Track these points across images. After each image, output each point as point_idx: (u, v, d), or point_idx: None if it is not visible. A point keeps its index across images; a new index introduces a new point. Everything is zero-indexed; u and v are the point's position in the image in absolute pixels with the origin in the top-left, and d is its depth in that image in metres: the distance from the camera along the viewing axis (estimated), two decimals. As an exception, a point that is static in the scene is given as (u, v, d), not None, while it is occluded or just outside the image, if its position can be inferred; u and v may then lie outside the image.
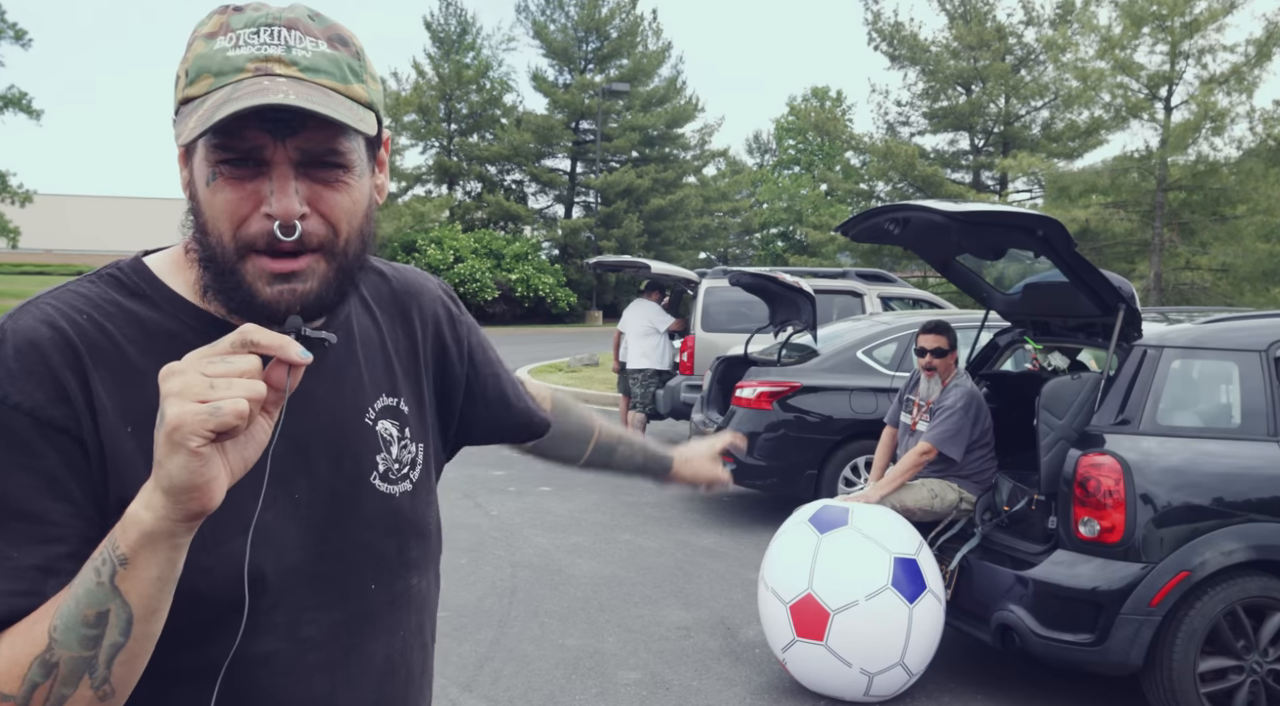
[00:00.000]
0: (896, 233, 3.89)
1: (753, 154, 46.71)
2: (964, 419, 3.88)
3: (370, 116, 0.79)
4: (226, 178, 0.75)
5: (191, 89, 0.76)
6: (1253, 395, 3.33)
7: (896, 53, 26.07)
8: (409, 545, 0.92)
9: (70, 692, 0.67)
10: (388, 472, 0.90)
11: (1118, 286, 3.45)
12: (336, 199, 0.78)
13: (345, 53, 0.79)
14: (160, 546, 0.66)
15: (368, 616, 0.88)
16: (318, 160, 0.77)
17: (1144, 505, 3.13)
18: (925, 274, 25.87)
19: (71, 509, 0.73)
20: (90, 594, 0.67)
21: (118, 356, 0.77)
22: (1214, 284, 19.36)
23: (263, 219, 0.75)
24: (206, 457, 0.64)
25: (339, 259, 0.80)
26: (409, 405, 0.95)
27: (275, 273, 0.76)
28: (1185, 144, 18.19)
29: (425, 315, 1.01)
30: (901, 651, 3.29)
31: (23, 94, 27.83)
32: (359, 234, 0.81)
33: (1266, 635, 3.16)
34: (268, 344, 0.66)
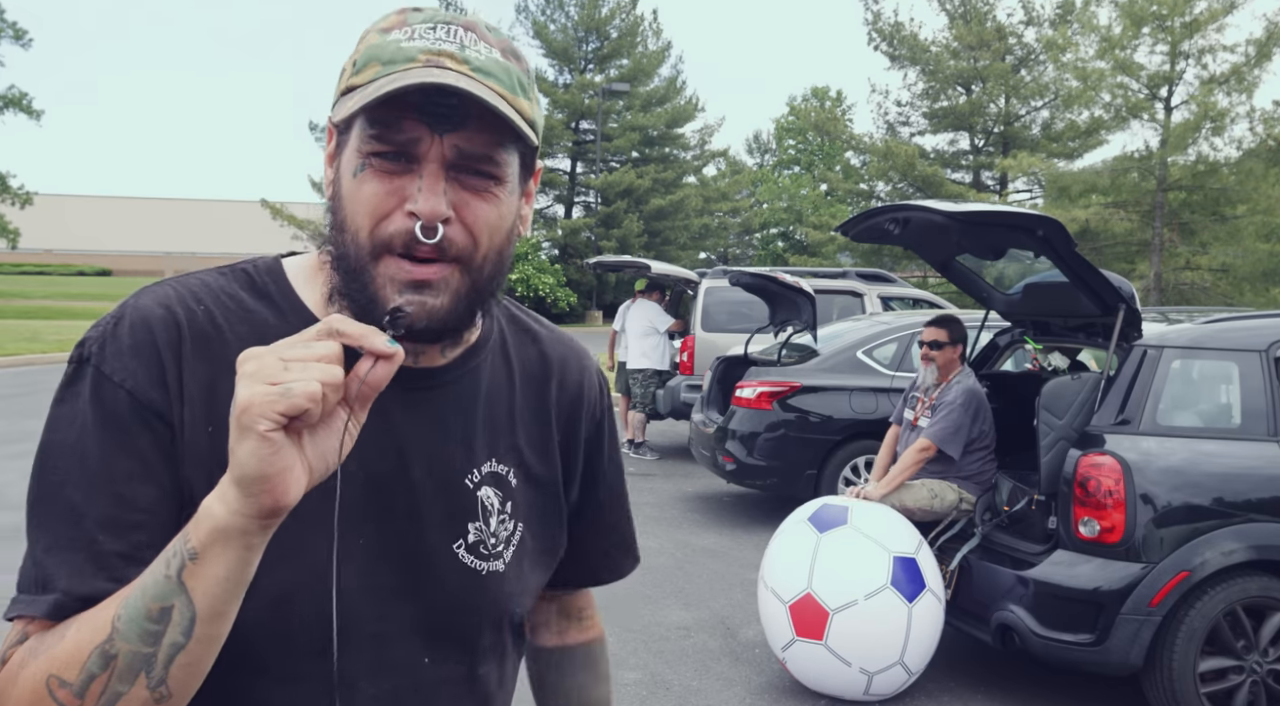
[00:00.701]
0: (897, 233, 3.89)
1: (753, 154, 46.73)
2: (964, 416, 3.88)
3: (531, 131, 0.76)
4: (376, 170, 0.72)
5: (357, 78, 0.73)
6: (1253, 395, 3.34)
7: (897, 53, 26.09)
8: (484, 630, 0.83)
9: (125, 690, 0.64)
10: (478, 545, 0.81)
11: (1118, 286, 3.45)
12: (484, 209, 0.74)
13: (518, 66, 0.76)
14: (232, 544, 0.62)
15: (422, 690, 0.79)
16: (472, 165, 0.73)
17: (1144, 505, 3.13)
18: (925, 274, 25.87)
19: (159, 494, 0.71)
20: (157, 586, 0.64)
21: (221, 352, 0.74)
22: (1214, 284, 19.36)
23: (405, 217, 0.71)
24: (277, 445, 0.59)
25: (474, 275, 0.74)
26: (518, 478, 0.86)
27: (407, 280, 0.72)
28: (1185, 144, 18.20)
29: (569, 383, 0.92)
30: (901, 650, 3.29)
31: (23, 94, 27.84)
32: (498, 253, 0.76)
33: (1266, 635, 3.16)
34: (352, 332, 0.62)
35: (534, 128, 0.77)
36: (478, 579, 0.81)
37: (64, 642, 0.65)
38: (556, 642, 1.04)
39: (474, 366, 0.84)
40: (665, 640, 4.05)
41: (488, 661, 0.85)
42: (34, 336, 17.94)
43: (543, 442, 0.88)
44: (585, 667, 1.05)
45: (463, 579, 0.80)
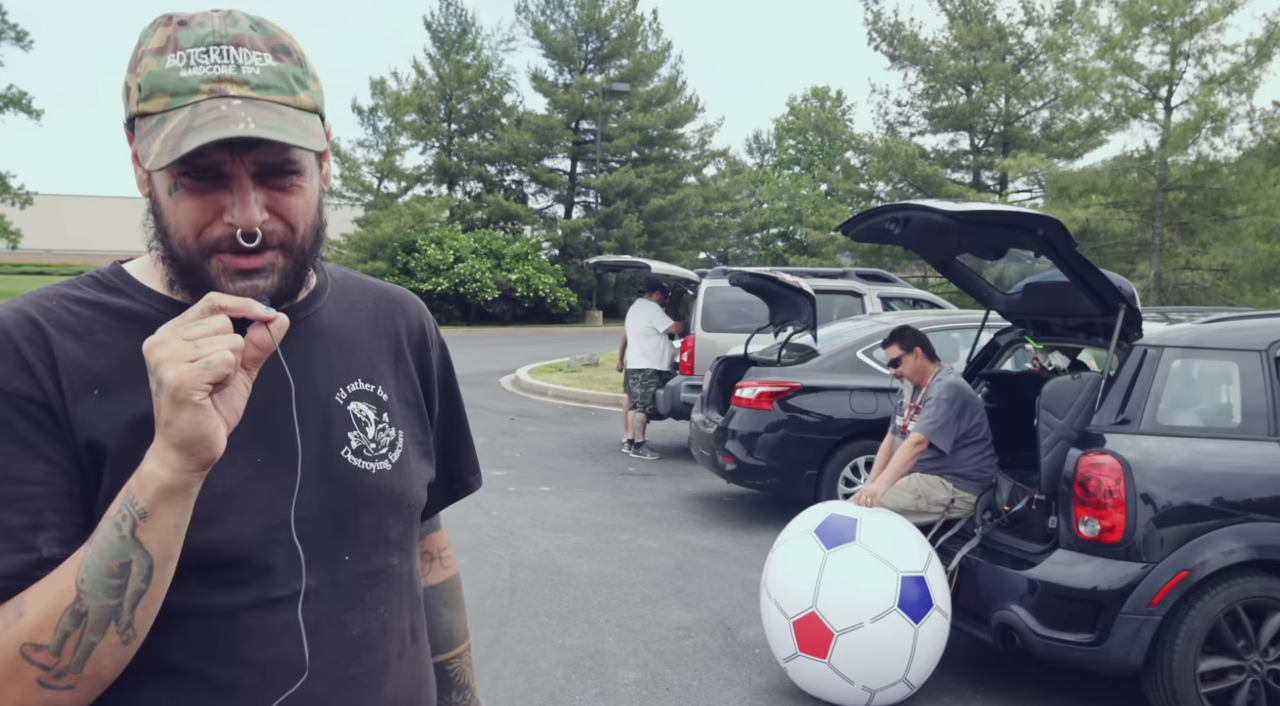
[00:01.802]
0: (897, 232, 3.89)
1: (753, 154, 46.72)
2: (949, 410, 3.90)
3: (315, 121, 0.86)
4: (188, 189, 0.81)
5: (147, 105, 0.81)
6: (1253, 395, 3.33)
7: (897, 53, 26.08)
8: (386, 521, 0.95)
9: (98, 639, 0.74)
10: (361, 449, 0.94)
11: (1118, 286, 3.44)
12: (292, 201, 0.85)
13: (289, 62, 0.84)
14: (177, 497, 0.74)
15: (341, 586, 0.90)
16: (272, 170, 0.83)
17: (1144, 505, 3.13)
18: (925, 274, 25.87)
19: (48, 468, 0.79)
20: (112, 547, 0.74)
21: (84, 332, 0.84)
22: (1214, 284, 19.36)
23: (225, 226, 0.82)
24: (208, 410, 0.71)
25: (296, 252, 0.87)
26: (388, 393, 0.99)
27: (239, 269, 0.83)
28: (1185, 144, 18.19)
29: (411, 322, 1.07)
30: (905, 669, 3.27)
31: (23, 94, 27.83)
32: (313, 228, 0.89)
33: (1267, 635, 3.15)
34: (233, 306, 0.74)
35: (317, 109, 0.87)
36: (368, 477, 0.94)
37: (27, 616, 0.74)
38: (422, 583, 1.15)
39: (319, 306, 0.97)
40: (665, 640, 4.05)
41: (399, 552, 0.97)
42: (34, 336, 17.91)
43: (400, 366, 1.03)
44: (450, 603, 1.22)
45: (356, 478, 0.93)
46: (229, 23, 0.82)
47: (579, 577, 4.85)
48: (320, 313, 0.97)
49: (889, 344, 4.19)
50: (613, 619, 4.28)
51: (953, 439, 3.89)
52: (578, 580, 4.81)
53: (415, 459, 1.01)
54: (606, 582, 4.79)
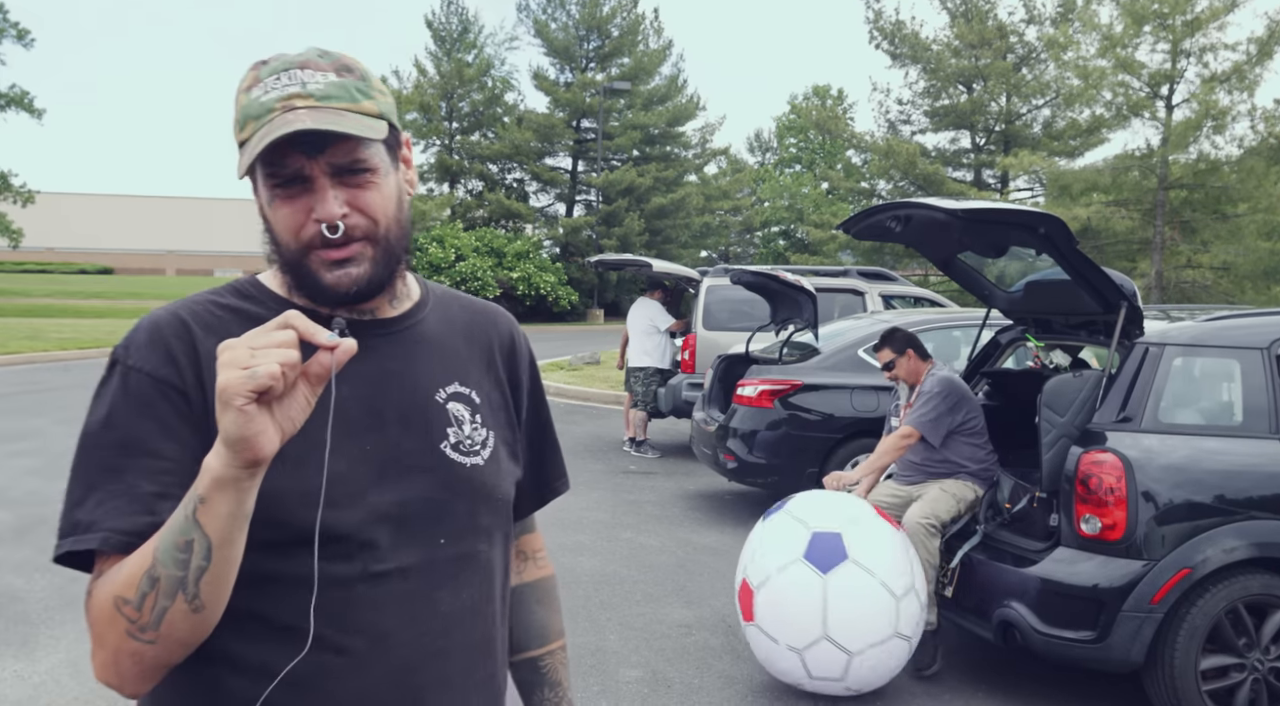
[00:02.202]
0: (898, 230, 3.89)
1: (754, 152, 46.70)
2: (942, 403, 3.89)
3: (380, 124, 0.96)
4: (281, 198, 0.95)
5: (242, 134, 0.95)
6: (1254, 393, 3.33)
7: (898, 51, 26.06)
8: (479, 510, 1.04)
9: (170, 604, 0.83)
10: (459, 444, 1.04)
11: (1119, 284, 3.44)
12: (369, 196, 0.96)
13: (351, 78, 0.97)
14: (227, 489, 0.81)
15: (435, 566, 1.00)
16: (346, 169, 0.94)
17: (1145, 502, 3.13)
18: (927, 272, 25.85)
19: (179, 448, 0.91)
20: (180, 525, 0.83)
21: (223, 332, 0.95)
22: (1215, 282, 19.34)
23: (313, 224, 0.94)
24: (251, 415, 0.77)
25: (382, 243, 0.98)
26: (480, 397, 1.10)
27: (331, 260, 0.95)
28: (1186, 142, 18.18)
29: (502, 334, 1.18)
30: (822, 624, 3.21)
31: (25, 93, 27.84)
32: (396, 221, 0.99)
33: (1268, 633, 3.15)
34: (301, 328, 0.81)
35: (384, 116, 0.98)
36: (464, 470, 1.04)
37: (123, 571, 0.85)
38: (517, 581, 1.25)
39: (422, 317, 1.08)
40: (666, 638, 4.05)
41: (488, 540, 1.06)
42: (35, 335, 17.95)
43: (491, 374, 1.13)
44: (543, 601, 1.27)
45: (453, 470, 1.03)
46: (300, 54, 0.97)
47: (580, 575, 4.86)
48: (423, 323, 1.08)
49: (880, 348, 4.18)
50: (614, 617, 4.28)
51: (944, 433, 3.88)
52: (579, 578, 4.81)
53: (504, 457, 1.10)
54: (608, 580, 4.79)
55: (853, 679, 3.30)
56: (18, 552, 4.97)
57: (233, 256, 59.78)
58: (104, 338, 17.88)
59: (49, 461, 7.24)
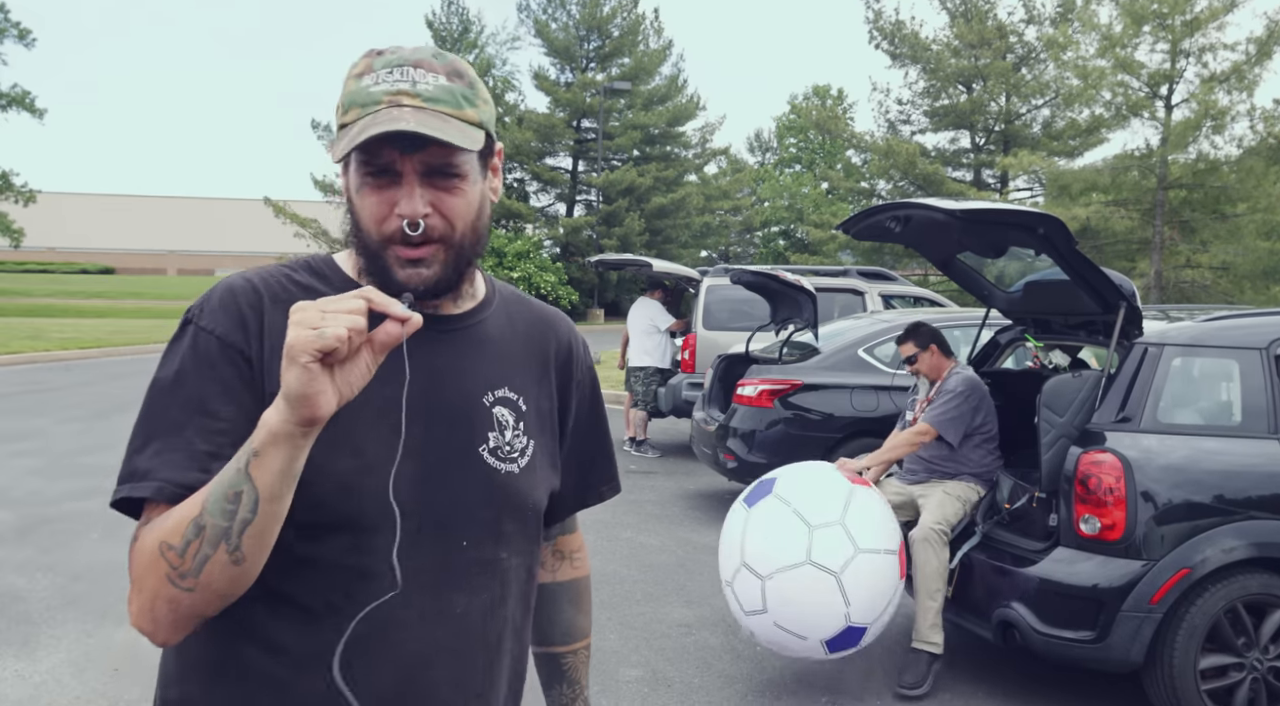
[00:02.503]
0: (898, 230, 3.89)
1: (754, 152, 46.70)
2: (964, 404, 3.85)
3: (479, 134, 0.99)
4: (370, 187, 0.97)
5: (345, 118, 0.97)
6: (1253, 393, 3.34)
7: (898, 51, 26.06)
8: (504, 518, 1.05)
9: (212, 553, 0.85)
10: (497, 450, 1.05)
11: (1118, 284, 3.44)
12: (454, 202, 0.99)
13: (460, 84, 0.99)
14: (282, 444, 0.83)
15: (454, 567, 1.01)
16: (437, 171, 0.97)
17: (1144, 502, 3.13)
18: (926, 272, 25.86)
19: (237, 411, 0.94)
20: (231, 477, 0.85)
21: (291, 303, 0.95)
22: (1214, 282, 19.35)
23: (397, 218, 0.96)
24: (314, 373, 0.80)
25: (456, 249, 1.00)
26: (528, 404, 1.10)
27: (406, 259, 0.98)
28: (1186, 142, 18.19)
29: (561, 342, 1.18)
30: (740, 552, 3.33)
31: (26, 93, 27.85)
32: (473, 229, 1.02)
33: (1267, 632, 3.16)
34: (378, 300, 0.83)
35: (483, 125, 1.00)
36: (498, 475, 1.04)
37: (170, 519, 0.88)
38: (550, 579, 1.27)
39: (483, 317, 1.10)
40: (666, 637, 4.06)
41: (510, 549, 1.06)
42: (37, 334, 17.95)
43: (544, 381, 1.14)
44: (574, 601, 1.29)
45: (487, 474, 1.03)
46: (415, 51, 1.00)
47: (580, 575, 4.86)
48: (484, 323, 1.10)
49: (904, 341, 4.10)
50: (614, 616, 4.29)
51: (962, 433, 3.84)
52: (579, 578, 4.82)
53: (542, 467, 1.10)
54: (608, 580, 4.80)
55: (775, 612, 3.24)
56: (19, 552, 4.98)
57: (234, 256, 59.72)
58: (105, 337, 17.90)
59: (50, 461, 7.24)
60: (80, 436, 8.33)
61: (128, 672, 3.54)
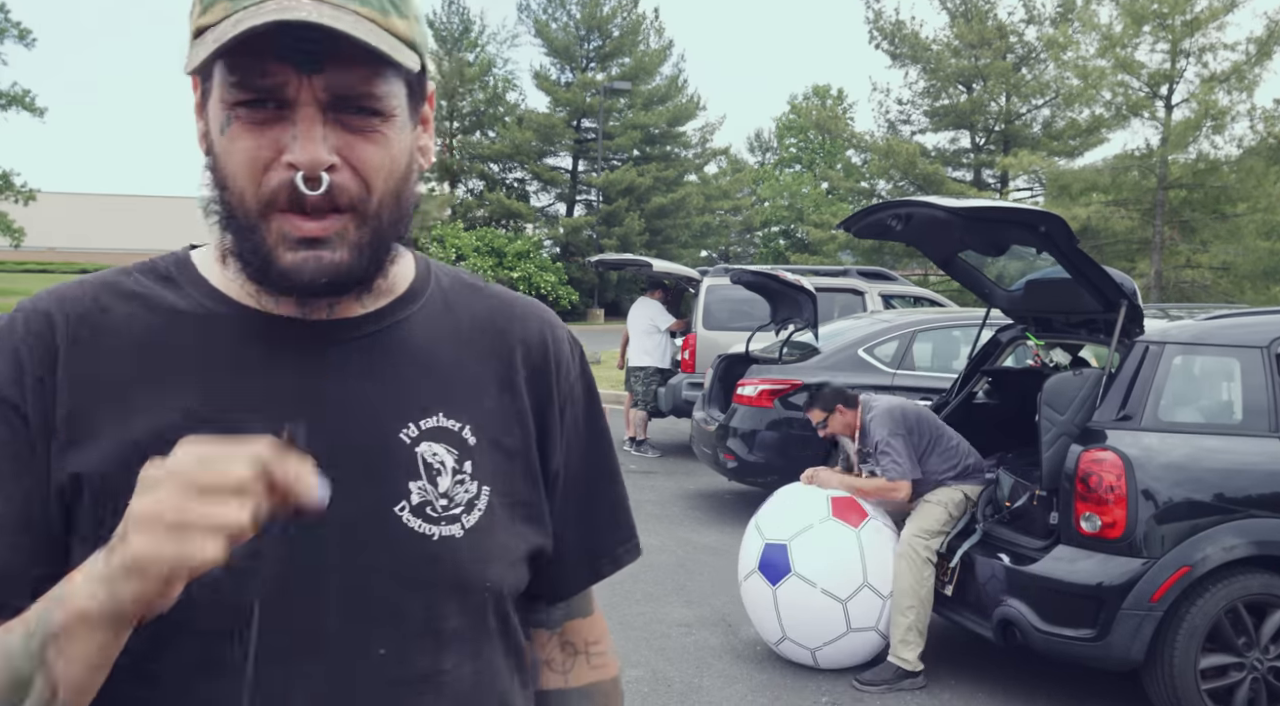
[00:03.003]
0: (899, 229, 3.89)
1: (754, 152, 46.70)
2: (901, 442, 3.70)
3: (410, 53, 0.68)
4: (244, 122, 0.65)
5: (205, 18, 0.65)
6: (1254, 391, 3.34)
7: (898, 51, 26.06)
8: (443, 609, 0.71)
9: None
10: (424, 506, 0.71)
11: (1119, 283, 3.44)
12: (371, 151, 0.67)
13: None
14: (99, 629, 0.57)
15: (360, 691, 0.68)
16: (350, 103, 0.66)
17: (1145, 501, 3.13)
18: (926, 271, 25.86)
19: (4, 502, 0.66)
20: (17, 659, 0.58)
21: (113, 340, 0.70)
22: (1214, 282, 19.37)
23: (285, 169, 0.65)
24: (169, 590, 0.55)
25: (372, 222, 0.68)
26: (477, 435, 0.75)
27: (299, 237, 0.66)
28: (1186, 142, 18.20)
29: (531, 342, 0.82)
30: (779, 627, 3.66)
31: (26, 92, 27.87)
32: (395, 196, 0.69)
33: (1267, 632, 3.16)
34: (281, 480, 0.56)
35: (415, 47, 0.69)
36: (427, 545, 0.71)
37: None
38: (560, 684, 0.88)
39: (404, 316, 0.76)
40: (667, 637, 4.06)
41: (458, 652, 0.72)
42: (36, 334, 17.94)
43: (508, 405, 0.78)
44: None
45: (409, 545, 0.70)
46: None
47: (581, 574, 4.86)
48: (405, 324, 0.76)
49: (809, 409, 4.02)
50: (614, 616, 4.29)
51: (917, 464, 3.73)
52: (579, 577, 4.82)
53: (504, 525, 0.75)
54: (608, 580, 4.77)
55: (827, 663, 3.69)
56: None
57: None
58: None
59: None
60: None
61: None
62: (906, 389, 5.87)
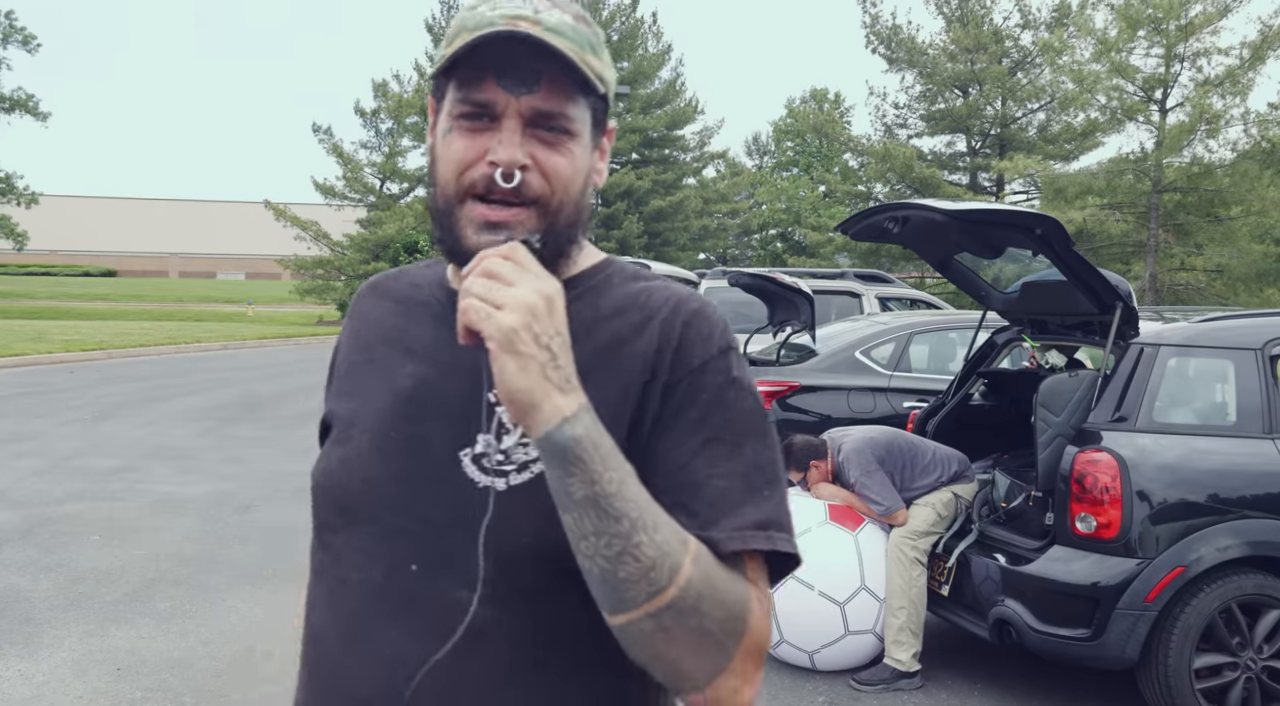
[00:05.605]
0: (896, 231, 3.91)
1: (752, 156, 46.75)
2: (879, 481, 3.70)
3: (600, 85, 0.82)
4: (462, 129, 0.81)
5: (449, 49, 0.81)
6: (1248, 393, 3.37)
7: (894, 55, 26.13)
8: (470, 553, 0.77)
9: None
10: (482, 457, 0.80)
11: (1115, 285, 3.47)
12: (558, 160, 0.81)
13: (588, 30, 0.82)
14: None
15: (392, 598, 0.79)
16: (545, 121, 0.80)
17: (1140, 501, 3.16)
18: (923, 274, 25.91)
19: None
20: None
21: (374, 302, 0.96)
22: (1209, 284, 19.44)
23: (486, 166, 0.80)
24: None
25: (550, 218, 0.82)
26: None
27: (486, 221, 0.80)
28: (1180, 146, 18.26)
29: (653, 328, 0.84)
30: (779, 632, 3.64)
31: (30, 96, 27.86)
32: (574, 201, 0.83)
33: (1261, 632, 3.18)
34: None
35: (604, 83, 0.83)
36: (472, 490, 0.79)
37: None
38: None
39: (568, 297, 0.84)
40: (666, 636, 4.07)
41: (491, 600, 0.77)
42: (40, 337, 17.93)
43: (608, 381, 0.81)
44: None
45: (458, 487, 0.80)
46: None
47: (580, 575, 4.87)
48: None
49: (787, 471, 3.86)
50: (614, 616, 4.30)
51: (899, 489, 3.73)
52: (579, 578, 4.83)
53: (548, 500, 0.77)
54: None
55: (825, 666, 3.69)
56: (22, 552, 4.99)
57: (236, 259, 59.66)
58: (107, 340, 17.88)
59: (53, 463, 7.25)
60: (82, 438, 8.34)
61: (129, 673, 3.55)
62: (903, 391, 5.90)
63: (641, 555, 0.70)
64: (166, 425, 9.20)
